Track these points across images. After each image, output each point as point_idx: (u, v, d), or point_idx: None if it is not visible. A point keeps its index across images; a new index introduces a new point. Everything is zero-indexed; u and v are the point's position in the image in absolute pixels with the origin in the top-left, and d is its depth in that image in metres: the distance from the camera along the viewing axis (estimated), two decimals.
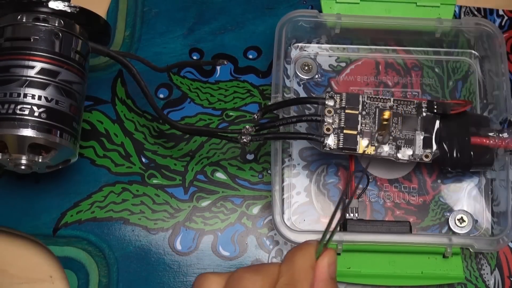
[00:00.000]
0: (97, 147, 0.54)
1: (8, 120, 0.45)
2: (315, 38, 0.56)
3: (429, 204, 0.53)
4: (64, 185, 0.53)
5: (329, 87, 0.55)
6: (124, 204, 0.53)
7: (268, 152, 0.54)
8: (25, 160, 0.46)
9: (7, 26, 0.47)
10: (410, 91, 0.55)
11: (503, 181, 0.51)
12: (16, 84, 0.46)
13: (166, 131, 0.55)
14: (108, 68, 0.56)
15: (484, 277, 0.51)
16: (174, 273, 0.51)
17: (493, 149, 0.50)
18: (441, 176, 0.53)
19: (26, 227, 0.52)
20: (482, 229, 0.52)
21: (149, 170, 0.53)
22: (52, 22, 0.47)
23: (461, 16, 0.57)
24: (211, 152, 0.54)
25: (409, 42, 0.56)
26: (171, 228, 0.52)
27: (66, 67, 0.47)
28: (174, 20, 0.58)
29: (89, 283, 0.51)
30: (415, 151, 0.49)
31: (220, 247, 0.52)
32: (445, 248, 0.49)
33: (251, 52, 0.57)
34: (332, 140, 0.49)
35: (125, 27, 0.57)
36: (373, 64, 0.56)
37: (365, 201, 0.52)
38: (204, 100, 0.55)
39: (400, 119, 0.49)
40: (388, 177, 0.53)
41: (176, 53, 0.57)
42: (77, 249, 0.51)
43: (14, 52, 0.46)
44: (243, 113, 0.55)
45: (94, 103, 0.55)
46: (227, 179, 0.53)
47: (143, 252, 0.52)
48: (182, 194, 0.53)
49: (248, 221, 0.52)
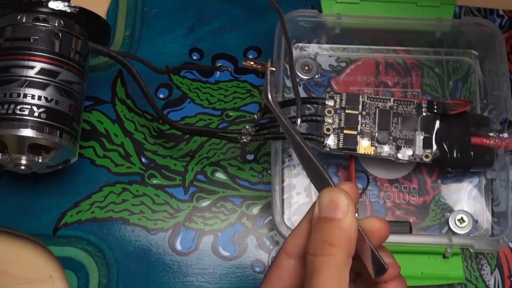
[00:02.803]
0: (97, 147, 0.54)
1: (8, 120, 0.45)
2: (315, 38, 0.56)
3: (429, 204, 0.53)
4: (64, 185, 0.53)
5: (329, 87, 0.55)
6: (124, 204, 0.53)
7: (268, 152, 0.54)
8: (25, 160, 0.46)
9: (7, 26, 0.47)
10: (410, 91, 0.55)
11: (503, 181, 0.51)
12: (16, 84, 0.46)
13: (166, 131, 0.55)
14: (108, 68, 0.56)
15: (484, 277, 0.51)
16: (174, 273, 0.51)
17: (493, 149, 0.50)
18: (441, 176, 0.53)
19: (26, 227, 0.52)
20: (482, 229, 0.52)
21: (149, 170, 0.53)
22: (52, 22, 0.47)
23: (461, 16, 0.57)
24: (211, 152, 0.54)
25: (409, 42, 0.56)
26: (171, 228, 0.52)
27: (66, 67, 0.47)
28: (174, 20, 0.58)
29: (89, 283, 0.51)
30: (415, 151, 0.49)
31: (220, 247, 0.52)
32: (445, 248, 0.49)
33: (251, 52, 0.57)
34: (332, 140, 0.49)
35: (125, 27, 0.57)
36: (373, 64, 0.56)
37: (365, 201, 0.52)
38: (204, 100, 0.55)
39: (400, 119, 0.49)
40: (388, 177, 0.53)
41: (176, 53, 0.57)
42: (77, 249, 0.51)
43: (14, 52, 0.46)
44: (243, 113, 0.55)
45: (94, 103, 0.55)
46: (227, 179, 0.53)
47: (143, 252, 0.52)
48: (182, 194, 0.53)
49: (248, 221, 0.52)
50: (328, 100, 0.49)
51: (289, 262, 0.38)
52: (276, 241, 0.52)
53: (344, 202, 0.36)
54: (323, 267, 0.35)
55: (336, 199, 0.36)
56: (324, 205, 0.36)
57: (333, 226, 0.35)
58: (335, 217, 0.36)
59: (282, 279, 0.38)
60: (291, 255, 0.38)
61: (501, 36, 0.53)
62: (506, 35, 0.57)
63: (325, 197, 0.36)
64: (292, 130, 0.38)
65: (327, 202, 0.36)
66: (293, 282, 0.38)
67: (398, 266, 0.38)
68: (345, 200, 0.36)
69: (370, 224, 0.37)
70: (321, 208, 0.36)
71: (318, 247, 0.35)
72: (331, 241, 0.35)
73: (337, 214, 0.36)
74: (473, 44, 0.56)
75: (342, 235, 0.35)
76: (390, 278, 0.37)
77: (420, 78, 0.56)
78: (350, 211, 0.36)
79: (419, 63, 0.56)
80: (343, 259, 0.35)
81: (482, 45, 0.55)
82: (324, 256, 0.35)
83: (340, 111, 0.49)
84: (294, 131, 0.38)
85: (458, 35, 0.55)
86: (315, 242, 0.36)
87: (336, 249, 0.35)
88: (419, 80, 0.55)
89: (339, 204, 0.36)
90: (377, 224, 0.37)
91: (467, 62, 0.56)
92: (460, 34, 0.55)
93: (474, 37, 0.55)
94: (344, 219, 0.35)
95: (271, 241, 0.52)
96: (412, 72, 0.56)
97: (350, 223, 0.35)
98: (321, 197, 0.36)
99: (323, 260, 0.35)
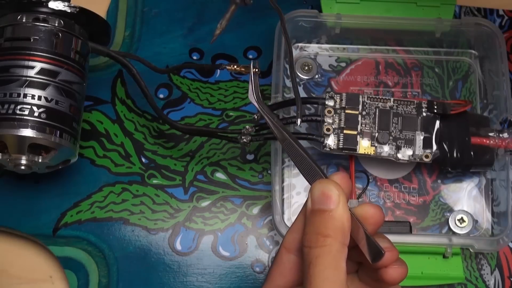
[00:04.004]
0: (97, 147, 0.54)
1: (8, 120, 0.45)
2: (315, 38, 0.56)
3: (429, 204, 0.52)
4: (64, 185, 0.53)
5: (329, 87, 0.55)
6: (124, 204, 0.53)
7: (268, 152, 0.54)
8: (25, 160, 0.46)
9: (7, 26, 0.47)
10: (410, 91, 0.55)
11: (503, 181, 0.51)
12: (16, 84, 0.46)
13: (166, 131, 0.55)
14: (108, 68, 0.56)
15: (484, 277, 0.51)
16: (174, 273, 0.51)
17: (493, 149, 0.50)
18: (441, 176, 0.53)
19: (26, 227, 0.52)
20: (482, 229, 0.52)
21: (149, 170, 0.53)
22: (52, 22, 0.47)
23: (461, 16, 0.57)
24: (211, 152, 0.54)
25: (409, 42, 0.56)
26: (171, 228, 0.52)
27: (66, 67, 0.47)
28: (174, 20, 0.58)
29: (89, 283, 0.51)
30: (415, 151, 0.49)
31: (220, 247, 0.52)
32: (445, 248, 0.49)
33: (251, 52, 0.57)
34: (332, 140, 0.49)
35: (125, 27, 0.57)
36: (373, 64, 0.56)
37: (365, 201, 0.52)
38: (204, 100, 0.55)
39: (400, 119, 0.49)
40: (388, 177, 0.53)
41: (176, 53, 0.57)
42: (77, 249, 0.51)
43: (14, 52, 0.46)
44: (243, 113, 0.55)
45: (94, 103, 0.55)
46: (227, 179, 0.53)
47: (143, 252, 0.52)
48: (182, 194, 0.53)
49: (248, 221, 0.52)
50: (328, 100, 0.49)
51: (289, 257, 0.39)
52: (276, 241, 0.52)
53: (335, 193, 0.36)
54: (319, 258, 0.35)
55: (326, 191, 0.37)
56: (316, 198, 0.37)
57: (325, 217, 0.36)
58: (327, 208, 0.36)
59: (284, 275, 0.39)
60: (291, 250, 0.39)
61: (501, 36, 0.53)
62: (506, 35, 0.57)
63: (316, 189, 0.37)
64: (281, 128, 0.39)
65: (318, 194, 0.37)
66: (295, 277, 0.39)
67: (396, 250, 0.38)
68: (336, 191, 0.36)
69: (364, 211, 0.38)
70: (313, 201, 0.37)
71: (313, 239, 0.36)
72: (324, 232, 0.36)
73: (329, 205, 0.36)
74: (473, 44, 0.56)
75: (334, 225, 0.36)
76: (388, 262, 0.37)
77: (420, 78, 0.56)
78: (341, 201, 0.36)
79: (419, 63, 0.56)
80: (338, 248, 0.36)
81: (482, 45, 0.55)
82: (319, 247, 0.36)
83: (340, 111, 0.49)
84: (282, 129, 0.39)
85: (458, 35, 0.55)
86: (309, 235, 0.36)
87: (330, 239, 0.36)
88: (419, 80, 0.55)
89: (330, 195, 0.36)
90: (370, 211, 0.38)
91: (467, 62, 0.56)
92: (460, 34, 0.55)
93: (474, 37, 0.55)
94: (336, 209, 0.36)
95: (271, 241, 0.52)
96: (412, 72, 0.56)
97: (342, 213, 0.36)
98: (313, 190, 0.37)
99: (318, 251, 0.36)
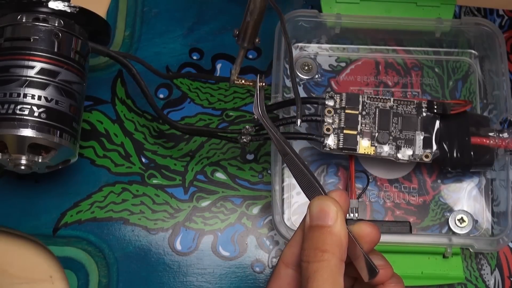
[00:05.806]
0: (97, 147, 0.54)
1: (8, 120, 0.45)
2: (315, 38, 0.56)
3: (429, 204, 0.53)
4: (64, 185, 0.53)
5: (329, 87, 0.55)
6: (124, 204, 0.53)
7: (268, 152, 0.54)
8: (25, 160, 0.46)
9: (7, 26, 0.47)
10: (410, 91, 0.55)
11: (503, 181, 0.51)
12: (16, 84, 0.46)
13: (166, 131, 0.55)
14: (108, 68, 0.56)
15: (484, 277, 0.51)
16: (174, 273, 0.51)
17: (493, 149, 0.50)
18: (441, 176, 0.53)
19: (26, 227, 0.52)
20: (482, 229, 0.52)
21: (149, 170, 0.53)
22: (52, 22, 0.47)
23: (461, 16, 0.57)
24: (211, 152, 0.54)
25: (409, 42, 0.56)
26: (171, 228, 0.52)
27: (66, 67, 0.47)
28: (174, 20, 0.58)
29: (89, 283, 0.51)
30: (415, 151, 0.49)
31: (220, 247, 0.52)
32: (445, 248, 0.49)
33: (251, 52, 0.57)
34: (332, 140, 0.49)
35: (125, 27, 0.57)
36: (373, 64, 0.56)
37: (365, 201, 0.52)
38: (204, 100, 0.55)
39: (400, 119, 0.49)
40: (388, 177, 0.53)
41: (176, 53, 0.57)
42: (77, 249, 0.51)
43: (14, 52, 0.46)
44: (243, 113, 0.55)
45: (94, 103, 0.55)
46: (227, 179, 0.53)
47: (143, 252, 0.52)
48: (182, 194, 0.53)
49: (248, 221, 0.52)
50: (328, 100, 0.49)
51: (287, 272, 0.39)
52: (276, 241, 0.52)
53: (333, 210, 0.37)
54: (317, 273, 0.36)
55: (325, 207, 0.37)
56: (314, 214, 0.37)
57: (323, 233, 0.37)
58: (325, 224, 0.37)
59: None
60: (289, 265, 0.39)
61: (501, 36, 0.53)
62: (506, 35, 0.57)
63: (315, 205, 0.38)
64: (283, 143, 0.40)
65: (317, 210, 0.37)
66: None
67: (390, 267, 0.39)
68: (334, 207, 0.37)
69: (360, 229, 0.38)
70: (311, 217, 0.38)
71: (311, 254, 0.37)
72: (322, 248, 0.36)
73: (327, 221, 0.37)
74: (473, 44, 0.56)
75: (332, 241, 0.36)
76: (382, 279, 0.38)
77: (420, 78, 0.56)
78: (339, 218, 0.37)
79: (419, 63, 0.56)
80: (336, 263, 0.36)
81: (482, 45, 0.55)
82: (317, 262, 0.36)
83: (340, 111, 0.49)
84: (285, 144, 0.40)
85: (458, 35, 0.55)
86: (308, 250, 0.37)
87: (328, 254, 0.36)
88: (419, 80, 0.55)
89: (328, 211, 0.37)
90: (367, 229, 0.38)
91: (467, 62, 0.56)
92: (460, 34, 0.55)
93: (474, 37, 0.55)
94: (334, 226, 0.37)
95: (271, 241, 0.52)
96: (412, 72, 0.56)
97: (340, 229, 0.37)
98: (311, 206, 0.38)
99: (316, 266, 0.36)
